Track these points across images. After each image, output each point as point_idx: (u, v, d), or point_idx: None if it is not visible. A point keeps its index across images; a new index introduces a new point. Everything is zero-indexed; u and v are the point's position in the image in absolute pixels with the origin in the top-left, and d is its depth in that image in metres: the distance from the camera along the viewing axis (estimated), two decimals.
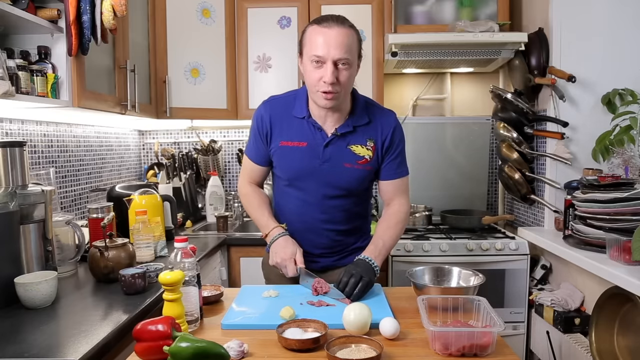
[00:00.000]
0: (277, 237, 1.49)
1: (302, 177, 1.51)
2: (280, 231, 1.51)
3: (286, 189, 1.56)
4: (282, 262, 1.44)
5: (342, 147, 1.48)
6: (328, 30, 1.35)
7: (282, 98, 1.57)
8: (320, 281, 1.40)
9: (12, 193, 1.39)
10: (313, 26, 1.40)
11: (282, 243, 1.47)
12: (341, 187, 1.51)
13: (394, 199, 1.57)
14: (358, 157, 1.49)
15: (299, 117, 1.50)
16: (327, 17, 1.39)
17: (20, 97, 1.46)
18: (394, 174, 1.55)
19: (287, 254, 1.44)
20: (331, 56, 1.35)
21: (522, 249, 2.27)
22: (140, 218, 1.82)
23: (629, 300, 1.60)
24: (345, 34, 1.36)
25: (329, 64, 1.35)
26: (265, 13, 2.67)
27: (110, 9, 1.67)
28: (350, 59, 1.38)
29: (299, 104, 1.51)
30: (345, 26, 1.38)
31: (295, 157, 1.50)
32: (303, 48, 1.43)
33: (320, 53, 1.35)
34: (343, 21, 1.39)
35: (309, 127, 1.49)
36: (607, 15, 2.18)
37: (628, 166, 1.90)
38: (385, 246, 1.49)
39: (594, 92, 2.20)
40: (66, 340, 1.10)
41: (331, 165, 1.48)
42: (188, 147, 3.05)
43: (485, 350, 1.04)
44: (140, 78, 2.20)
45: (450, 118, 2.92)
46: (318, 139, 1.48)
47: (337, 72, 1.36)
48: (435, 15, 2.62)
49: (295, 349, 1.06)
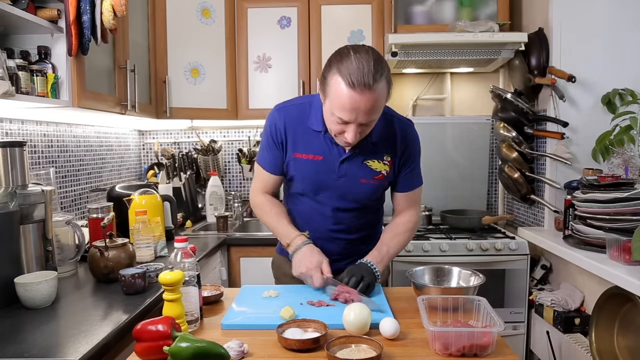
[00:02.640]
0: (301, 246, 1.43)
1: (316, 190, 1.47)
2: (303, 240, 1.44)
3: (298, 197, 1.53)
4: (308, 271, 1.38)
5: (358, 162, 1.43)
6: (358, 97, 1.19)
7: (296, 105, 1.48)
8: (351, 291, 1.32)
9: (12, 193, 1.39)
10: (340, 79, 1.21)
11: (307, 252, 1.41)
12: (355, 200, 1.48)
13: (406, 209, 1.55)
14: (375, 172, 1.44)
15: (315, 130, 1.42)
16: (358, 72, 1.18)
17: (20, 97, 1.46)
18: (409, 186, 1.52)
19: (313, 263, 1.38)
20: (358, 121, 1.25)
21: (522, 249, 2.27)
22: (140, 218, 1.82)
23: (629, 300, 1.60)
24: (376, 98, 1.21)
25: (353, 126, 1.26)
26: (265, 13, 2.67)
27: (110, 9, 1.67)
28: (377, 116, 1.29)
29: (314, 115, 1.42)
30: (377, 89, 1.20)
31: (310, 170, 1.44)
32: (326, 96, 1.28)
33: (346, 118, 1.24)
34: (376, 78, 1.20)
35: (326, 142, 1.42)
36: (607, 15, 2.18)
37: (628, 166, 1.90)
38: (389, 253, 1.48)
39: (594, 92, 2.20)
40: (66, 340, 1.10)
41: (347, 181, 1.44)
42: (188, 147, 3.05)
43: (485, 350, 1.04)
44: (140, 78, 2.20)
45: (450, 118, 2.92)
46: (334, 154, 1.42)
47: (360, 129, 1.28)
48: (435, 15, 2.62)
49: (295, 349, 1.06)
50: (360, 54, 1.22)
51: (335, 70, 1.23)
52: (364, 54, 1.22)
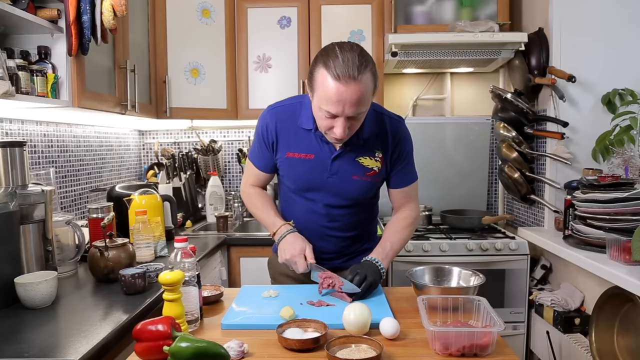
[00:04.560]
0: (286, 234, 1.46)
1: (309, 188, 1.48)
2: (287, 228, 1.48)
3: (292, 195, 1.54)
4: (292, 258, 1.41)
5: (350, 159, 1.44)
6: (344, 88, 1.21)
7: (287, 105, 1.50)
8: (333, 276, 1.36)
9: (12, 193, 1.39)
10: (326, 73, 1.23)
11: (290, 240, 1.45)
12: (348, 197, 1.49)
13: (404, 204, 1.56)
14: (367, 169, 1.46)
15: (305, 129, 1.44)
16: (343, 65, 1.21)
17: (20, 97, 1.46)
18: (404, 182, 1.53)
19: (297, 249, 1.41)
20: (345, 114, 1.25)
21: (522, 249, 2.27)
22: (140, 218, 1.82)
23: (629, 300, 1.60)
24: (362, 90, 1.23)
25: (341, 120, 1.27)
26: (265, 13, 2.67)
27: (110, 9, 1.67)
28: (365, 109, 1.30)
29: (304, 114, 1.44)
30: (362, 80, 1.22)
31: (302, 169, 1.46)
32: (314, 91, 1.30)
33: (333, 111, 1.25)
34: (361, 70, 1.22)
35: (316, 140, 1.44)
36: (607, 15, 2.18)
37: (628, 166, 1.90)
38: (392, 249, 1.49)
39: (594, 92, 2.20)
40: (66, 340, 1.10)
41: (339, 178, 1.45)
42: (188, 147, 3.05)
43: (485, 350, 1.04)
44: (140, 78, 2.20)
45: (450, 118, 2.92)
46: (325, 152, 1.44)
47: (349, 123, 1.29)
48: (435, 15, 2.62)
49: (295, 349, 1.06)
50: (345, 48, 1.25)
51: (322, 64, 1.25)
52: (349, 49, 1.25)
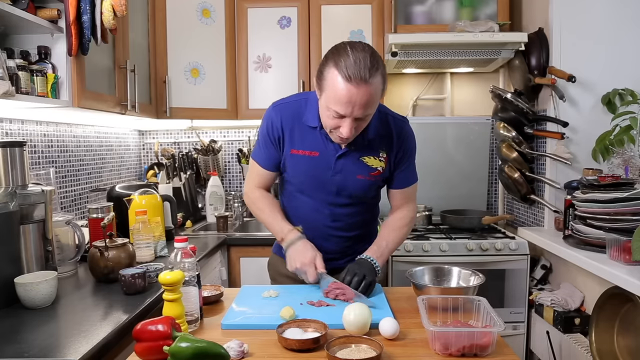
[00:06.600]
0: (295, 241, 1.43)
1: (313, 186, 1.48)
2: (296, 235, 1.45)
3: (295, 194, 1.53)
4: (302, 267, 1.39)
5: (354, 159, 1.44)
6: (355, 90, 1.21)
7: (292, 102, 1.49)
8: (344, 287, 1.33)
9: (12, 193, 1.39)
10: (337, 73, 1.22)
11: (300, 248, 1.42)
12: (352, 196, 1.48)
13: (402, 205, 1.56)
14: (371, 168, 1.45)
15: (310, 126, 1.43)
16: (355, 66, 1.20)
17: (20, 97, 1.46)
18: (405, 183, 1.53)
19: (307, 258, 1.39)
20: (354, 115, 1.25)
21: (522, 249, 2.27)
22: (140, 218, 1.82)
23: (629, 300, 1.60)
24: (372, 92, 1.23)
25: (348, 120, 1.27)
26: (265, 13, 2.67)
27: (110, 9, 1.67)
28: (373, 111, 1.30)
29: (310, 111, 1.43)
30: (373, 83, 1.22)
31: (306, 166, 1.45)
32: (322, 90, 1.29)
33: (342, 112, 1.25)
34: (372, 72, 1.21)
35: (322, 138, 1.43)
36: (607, 15, 2.18)
37: (628, 166, 1.90)
38: (388, 247, 1.49)
39: (594, 92, 2.20)
40: (66, 340, 1.10)
41: (343, 177, 1.45)
42: (188, 147, 3.05)
43: (485, 350, 1.04)
44: (140, 78, 2.20)
45: (450, 118, 2.92)
46: (330, 150, 1.43)
47: (355, 124, 1.29)
48: (435, 15, 2.62)
49: (295, 349, 1.06)
50: (357, 48, 1.24)
51: (332, 64, 1.24)
52: (361, 49, 1.24)
